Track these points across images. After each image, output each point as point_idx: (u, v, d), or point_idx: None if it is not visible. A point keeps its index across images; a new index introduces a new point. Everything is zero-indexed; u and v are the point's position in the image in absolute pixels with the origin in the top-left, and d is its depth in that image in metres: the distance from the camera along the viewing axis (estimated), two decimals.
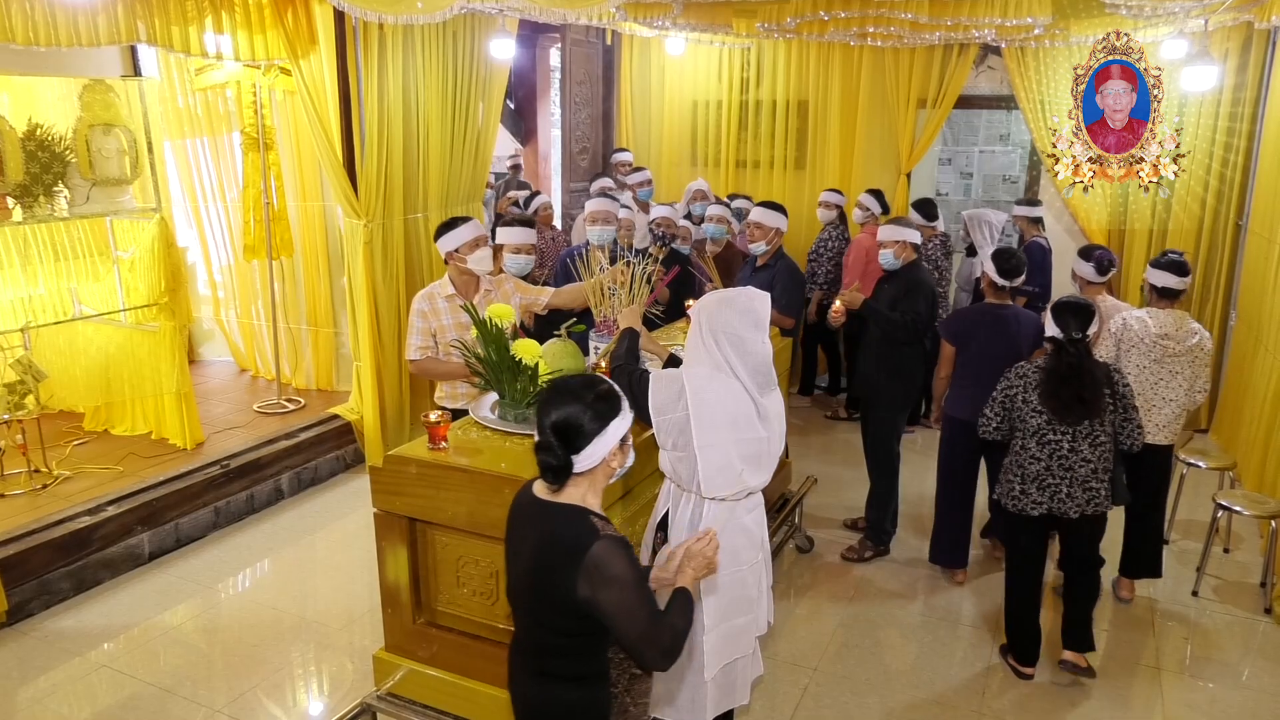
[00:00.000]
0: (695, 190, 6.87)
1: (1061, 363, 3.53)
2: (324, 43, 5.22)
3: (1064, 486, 3.59)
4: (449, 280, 3.95)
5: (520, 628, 2.25)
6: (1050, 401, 3.54)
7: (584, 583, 2.02)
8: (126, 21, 4.34)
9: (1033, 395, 3.59)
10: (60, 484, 4.86)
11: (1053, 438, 3.57)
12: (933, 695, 3.73)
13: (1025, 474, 3.64)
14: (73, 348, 5.69)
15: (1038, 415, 3.58)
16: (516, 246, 4.35)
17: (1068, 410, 3.52)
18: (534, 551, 2.12)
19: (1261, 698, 3.75)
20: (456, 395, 3.94)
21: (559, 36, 7.89)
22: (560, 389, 2.18)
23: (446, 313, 3.90)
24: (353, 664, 3.88)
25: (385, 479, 2.93)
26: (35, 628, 4.14)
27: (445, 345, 3.84)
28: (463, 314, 3.75)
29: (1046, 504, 3.62)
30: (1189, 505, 5.29)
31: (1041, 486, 3.62)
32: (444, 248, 3.91)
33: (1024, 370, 3.66)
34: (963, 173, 9.53)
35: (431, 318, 3.89)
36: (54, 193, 5.14)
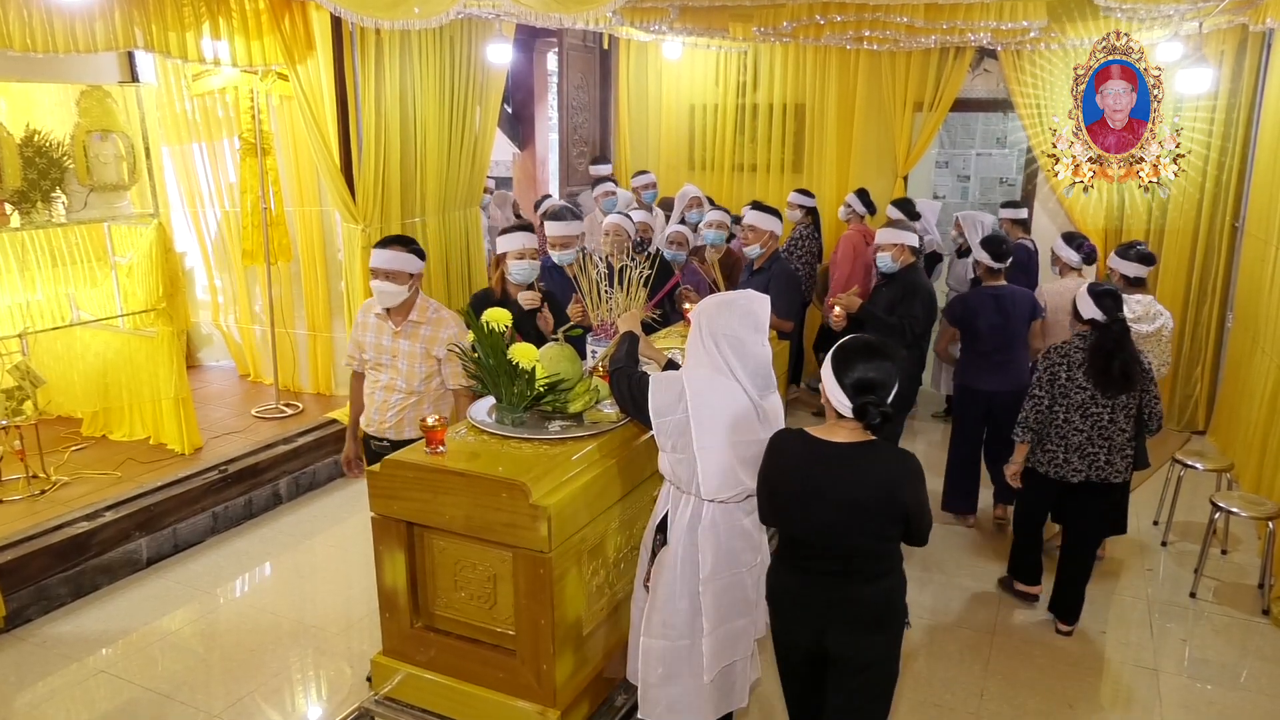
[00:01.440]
0: (691, 197, 6.83)
1: (1108, 340, 3.84)
2: (321, 48, 5.23)
3: (1103, 454, 3.93)
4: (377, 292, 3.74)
5: (830, 557, 2.58)
6: (1100, 376, 3.84)
7: (911, 491, 2.51)
8: (124, 27, 4.35)
9: (1077, 372, 3.89)
10: (58, 489, 4.86)
11: (1095, 410, 3.89)
12: (931, 697, 3.74)
13: (1069, 444, 3.95)
14: (71, 353, 5.70)
15: (1082, 391, 3.89)
16: (519, 252, 4.18)
17: (1112, 384, 3.83)
18: (872, 481, 2.50)
19: (1260, 699, 3.76)
20: (373, 421, 3.82)
21: (556, 41, 7.91)
22: (872, 350, 2.50)
23: (371, 328, 3.75)
24: (351, 668, 3.88)
25: (382, 483, 2.93)
26: (33, 633, 4.14)
27: (366, 361, 3.79)
28: (386, 335, 3.69)
29: (1085, 471, 3.95)
30: (1187, 507, 5.29)
31: (1083, 455, 3.94)
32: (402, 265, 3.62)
33: (1065, 349, 3.95)
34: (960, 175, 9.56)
35: (361, 330, 3.79)
36: (52, 198, 5.15)
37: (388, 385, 3.73)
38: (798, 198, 6.90)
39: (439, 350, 3.70)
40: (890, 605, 2.62)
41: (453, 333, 3.70)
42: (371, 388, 3.79)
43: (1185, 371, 6.93)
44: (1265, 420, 5.14)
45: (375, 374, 3.75)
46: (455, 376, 3.70)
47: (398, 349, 3.69)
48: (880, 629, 2.61)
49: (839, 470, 2.51)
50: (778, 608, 2.74)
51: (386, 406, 3.74)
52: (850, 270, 6.44)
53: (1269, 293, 5.43)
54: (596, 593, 3.05)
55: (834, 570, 2.58)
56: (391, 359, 3.70)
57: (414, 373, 3.70)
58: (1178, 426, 6.97)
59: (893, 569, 2.62)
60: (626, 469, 3.10)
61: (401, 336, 3.69)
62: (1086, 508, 4.07)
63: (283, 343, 6.45)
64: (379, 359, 3.71)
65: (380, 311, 3.68)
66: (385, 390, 3.74)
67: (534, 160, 8.68)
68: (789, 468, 2.58)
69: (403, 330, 3.69)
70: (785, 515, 2.61)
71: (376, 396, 3.76)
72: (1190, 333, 6.89)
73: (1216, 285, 6.76)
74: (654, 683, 2.85)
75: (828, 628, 2.61)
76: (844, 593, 2.59)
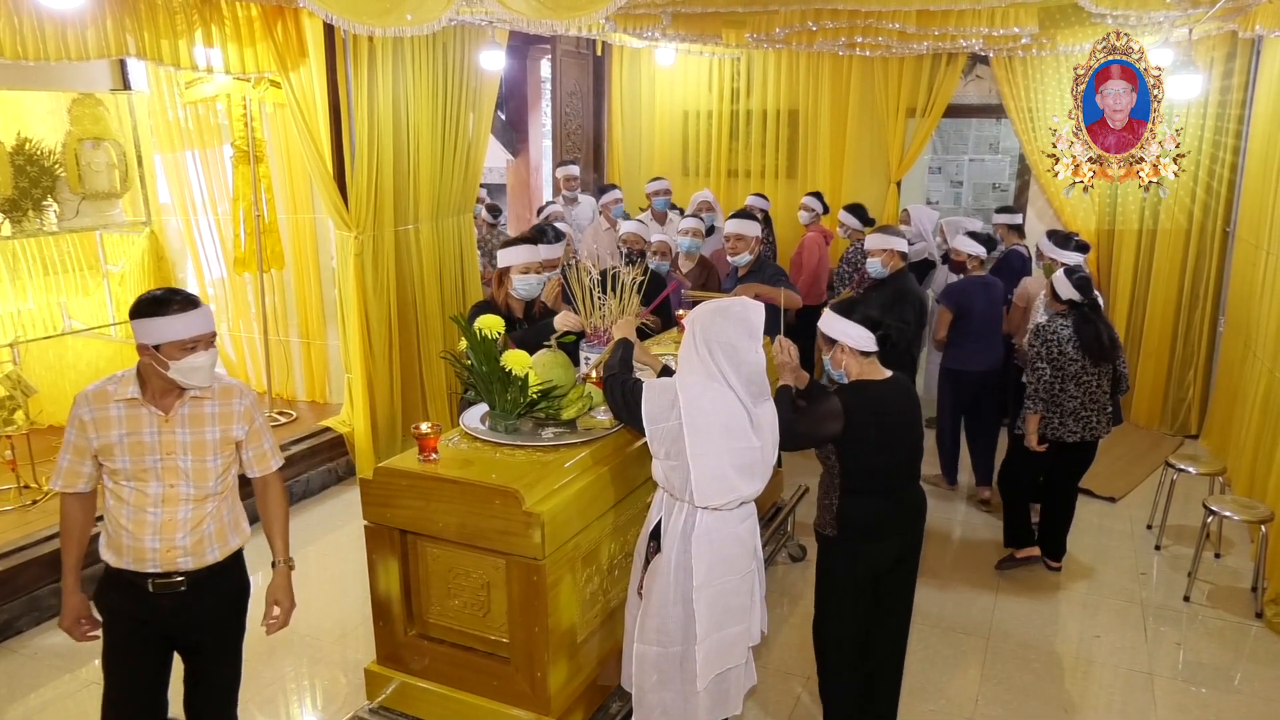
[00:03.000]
0: (700, 201, 6.86)
1: (1094, 318, 4.41)
2: (314, 55, 5.22)
3: (1094, 416, 4.47)
4: (134, 375, 2.61)
5: (911, 474, 3.19)
6: (1090, 347, 4.38)
7: None
8: (116, 35, 4.33)
9: (1068, 347, 4.40)
10: (50, 499, 4.83)
11: (1086, 378, 4.43)
12: (925, 703, 3.73)
13: (1064, 410, 4.45)
14: (62, 362, 5.67)
15: (1074, 363, 4.41)
16: (525, 266, 3.96)
17: (1103, 353, 4.40)
18: (916, 401, 3.20)
19: (1254, 702, 3.76)
20: (148, 554, 2.63)
21: (549, 48, 7.92)
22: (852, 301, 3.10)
23: (117, 424, 2.57)
24: (345, 677, 3.87)
25: (376, 491, 2.92)
26: (24, 644, 4.11)
27: (116, 471, 2.59)
28: (149, 429, 2.58)
29: (1080, 433, 4.47)
30: (1180, 510, 5.30)
31: (1078, 419, 4.46)
32: (161, 335, 2.54)
33: (1053, 327, 4.45)
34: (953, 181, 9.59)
35: (97, 431, 2.56)
36: (43, 207, 5.13)
37: (166, 498, 2.60)
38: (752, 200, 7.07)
39: (239, 429, 2.72)
40: None
41: (249, 401, 2.78)
42: (132, 510, 2.60)
43: (1178, 376, 6.95)
44: (1257, 424, 5.16)
45: (136, 488, 2.58)
46: (264, 457, 2.80)
47: (174, 443, 2.59)
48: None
49: (906, 399, 3.12)
50: (867, 536, 3.10)
51: (173, 527, 2.61)
52: (815, 269, 6.69)
53: (1260, 297, 5.45)
54: (590, 600, 3.04)
55: (911, 483, 3.19)
56: (164, 460, 2.58)
57: (207, 470, 2.64)
58: (1170, 430, 6.99)
59: None
60: (620, 476, 3.09)
61: (177, 426, 2.60)
62: (1075, 462, 4.64)
63: (276, 351, 6.43)
64: (140, 466, 2.57)
65: (131, 396, 2.56)
66: (163, 506, 2.60)
67: (528, 167, 8.69)
68: (883, 402, 3.05)
69: (177, 417, 2.61)
70: (885, 448, 3.04)
71: (149, 518, 2.59)
72: (1183, 337, 6.92)
73: (1208, 290, 6.79)
74: (648, 689, 2.85)
75: (906, 536, 3.17)
76: (917, 498, 3.21)
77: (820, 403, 3.05)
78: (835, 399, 3.02)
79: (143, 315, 2.52)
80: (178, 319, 2.55)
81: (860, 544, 3.11)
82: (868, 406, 3.03)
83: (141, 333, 2.53)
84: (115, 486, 2.63)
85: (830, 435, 3.02)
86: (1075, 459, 4.62)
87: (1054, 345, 4.43)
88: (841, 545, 3.13)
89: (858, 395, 3.05)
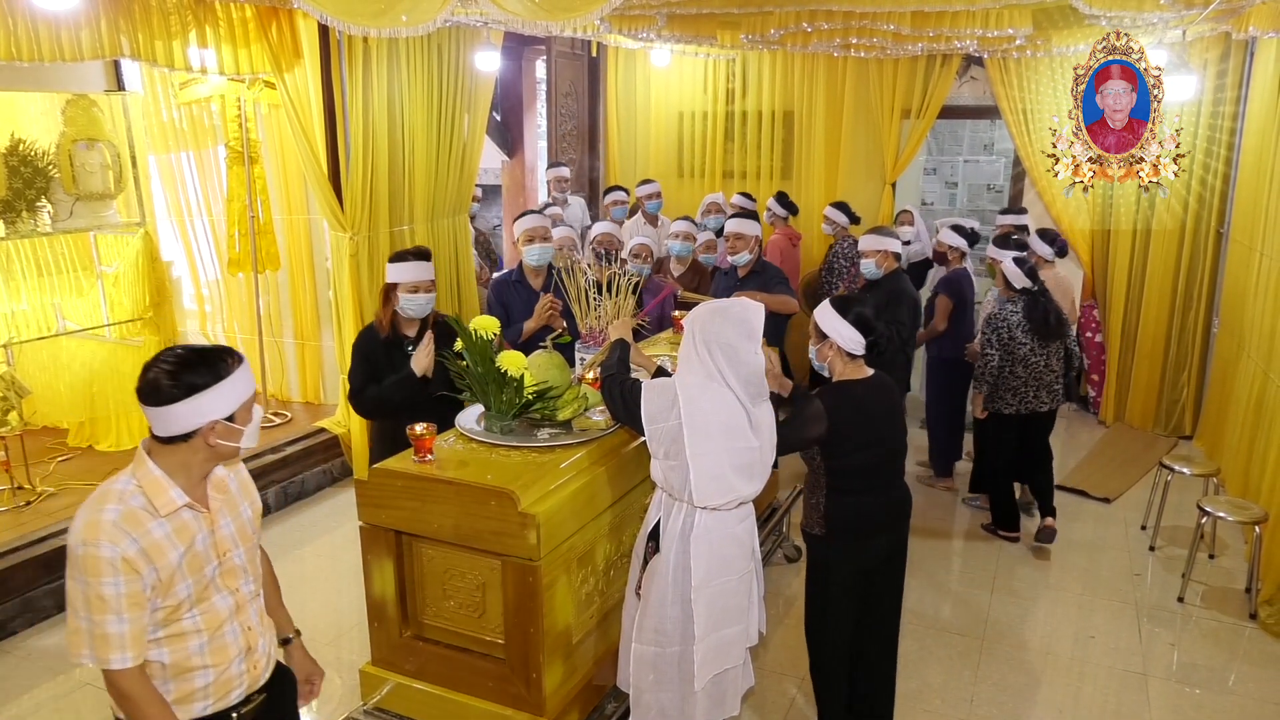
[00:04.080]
0: (709, 203, 6.82)
1: (1041, 303, 4.79)
2: (308, 56, 5.22)
3: (1036, 392, 4.87)
4: (157, 479, 2.03)
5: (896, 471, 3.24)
6: (1039, 329, 4.75)
7: None
8: (110, 36, 4.32)
9: (1017, 331, 4.78)
10: (44, 500, 4.82)
11: (1035, 359, 4.81)
12: (920, 703, 3.74)
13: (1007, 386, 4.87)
14: (56, 363, 5.66)
15: (1023, 345, 4.78)
16: (414, 284, 3.59)
17: (1049, 333, 4.77)
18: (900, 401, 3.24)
19: (1248, 703, 3.77)
20: (236, 680, 2.16)
21: (544, 49, 7.92)
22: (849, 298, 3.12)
23: (176, 537, 2.02)
24: (340, 678, 3.86)
25: (371, 492, 2.91)
26: (18, 646, 4.10)
27: (178, 606, 2.02)
28: (202, 532, 2.07)
29: (1016, 405, 4.88)
30: (1174, 512, 5.32)
31: (1017, 395, 4.88)
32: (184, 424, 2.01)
33: (1004, 314, 4.82)
34: (947, 182, 9.61)
35: (152, 561, 1.96)
36: (37, 208, 5.12)
37: (238, 607, 2.16)
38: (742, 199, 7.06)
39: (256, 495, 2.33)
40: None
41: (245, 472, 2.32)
42: (206, 641, 2.08)
43: (1171, 377, 6.97)
44: (1251, 425, 5.17)
45: (202, 613, 2.07)
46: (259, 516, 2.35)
47: (224, 539, 2.13)
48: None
49: (888, 397, 3.14)
50: (854, 534, 3.13)
51: (254, 637, 2.21)
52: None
53: (1254, 298, 5.47)
54: (586, 600, 3.04)
55: (897, 480, 3.23)
56: (221, 564, 2.12)
57: (255, 555, 2.28)
58: (1164, 431, 7.00)
59: None
60: (615, 476, 3.09)
61: (219, 518, 2.13)
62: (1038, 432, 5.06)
63: (271, 352, 6.42)
64: (201, 585, 2.06)
65: (182, 502, 2.03)
66: (237, 618, 2.15)
67: (523, 168, 8.68)
68: (864, 403, 3.08)
69: (215, 507, 2.13)
70: (867, 447, 3.07)
71: (228, 640, 2.12)
72: (1176, 338, 6.93)
73: (1202, 291, 6.80)
74: (645, 689, 2.85)
75: (893, 533, 3.20)
76: (903, 494, 3.25)
77: (804, 408, 3.06)
78: (817, 402, 3.04)
79: (206, 386, 1.99)
80: (240, 376, 2.07)
81: (848, 542, 3.13)
82: (850, 406, 3.06)
83: (207, 408, 1.99)
84: (174, 626, 2.03)
85: (815, 438, 3.04)
86: (1033, 429, 5.03)
87: (1004, 330, 4.80)
88: (830, 544, 3.15)
89: (840, 396, 3.08)
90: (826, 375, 3.18)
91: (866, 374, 3.14)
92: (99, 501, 2.01)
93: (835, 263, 6.73)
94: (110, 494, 2.02)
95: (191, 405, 1.98)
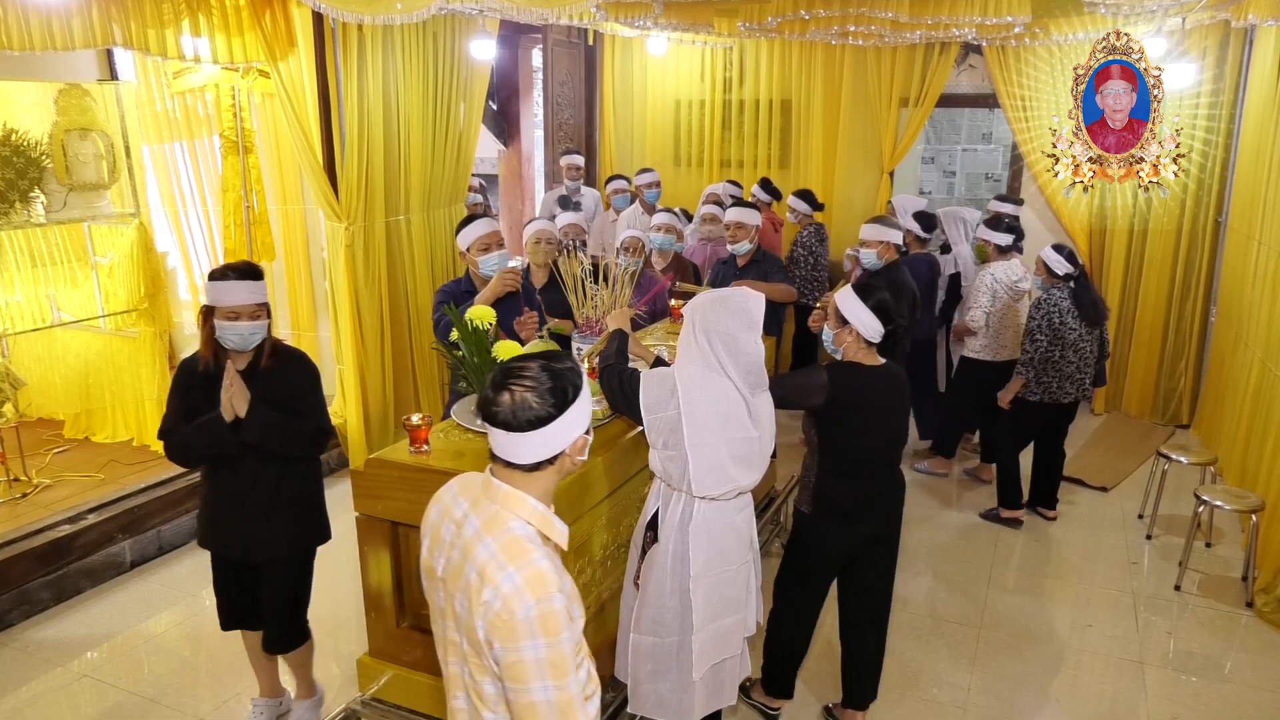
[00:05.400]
0: (709, 193, 6.76)
1: (1088, 286, 4.87)
2: (303, 44, 5.18)
3: (1086, 378, 4.94)
4: (543, 514, 1.85)
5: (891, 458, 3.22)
6: (1088, 314, 4.80)
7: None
8: (102, 25, 4.29)
9: (1068, 317, 4.78)
10: (40, 492, 4.81)
11: (1082, 344, 4.84)
12: (918, 692, 3.74)
13: (1063, 374, 4.86)
14: (51, 354, 5.64)
15: (1073, 330, 4.79)
16: (231, 310, 3.10)
17: (1096, 318, 4.82)
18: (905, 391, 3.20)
19: (1244, 691, 3.78)
20: None
21: (540, 37, 7.87)
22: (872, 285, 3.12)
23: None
24: (338, 668, 3.86)
25: (367, 483, 2.91)
26: (15, 638, 4.09)
27: None
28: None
29: (1074, 393, 4.92)
30: (1171, 500, 5.32)
31: (1074, 381, 4.89)
32: None
33: (1054, 299, 4.82)
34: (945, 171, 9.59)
35: (571, 609, 1.78)
36: (30, 198, 5.08)
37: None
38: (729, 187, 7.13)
39: None
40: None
41: None
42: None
43: (1169, 366, 6.97)
44: (1248, 414, 5.17)
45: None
46: None
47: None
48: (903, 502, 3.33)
49: (896, 387, 3.15)
50: (840, 516, 3.17)
51: None
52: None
53: (1252, 287, 5.46)
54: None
55: (892, 469, 3.22)
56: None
57: None
58: (1162, 420, 7.01)
59: None
60: (612, 467, 3.08)
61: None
62: (1066, 419, 5.12)
63: None
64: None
65: (564, 531, 1.88)
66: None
67: (519, 157, 8.66)
68: (869, 388, 3.08)
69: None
70: (862, 429, 3.08)
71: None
72: (1174, 327, 6.93)
73: (1200, 280, 6.80)
74: (643, 679, 2.85)
75: (880, 519, 3.20)
76: (894, 484, 3.25)
77: (809, 374, 3.12)
78: (823, 374, 3.08)
79: (574, 400, 1.83)
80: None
81: (833, 523, 3.19)
82: (856, 386, 3.09)
83: (580, 422, 1.86)
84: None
85: (808, 407, 3.11)
86: (1068, 417, 5.10)
87: (1055, 315, 4.78)
88: (814, 522, 3.20)
89: (847, 376, 3.11)
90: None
91: (878, 361, 3.16)
92: (521, 551, 1.73)
93: (795, 251, 6.72)
94: (522, 540, 1.75)
95: (565, 421, 1.79)
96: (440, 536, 1.88)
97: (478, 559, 1.74)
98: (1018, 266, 5.45)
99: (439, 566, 1.88)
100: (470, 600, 1.72)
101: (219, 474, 3.11)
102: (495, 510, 1.80)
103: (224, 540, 3.21)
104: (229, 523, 3.15)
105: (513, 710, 1.71)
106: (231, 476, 3.08)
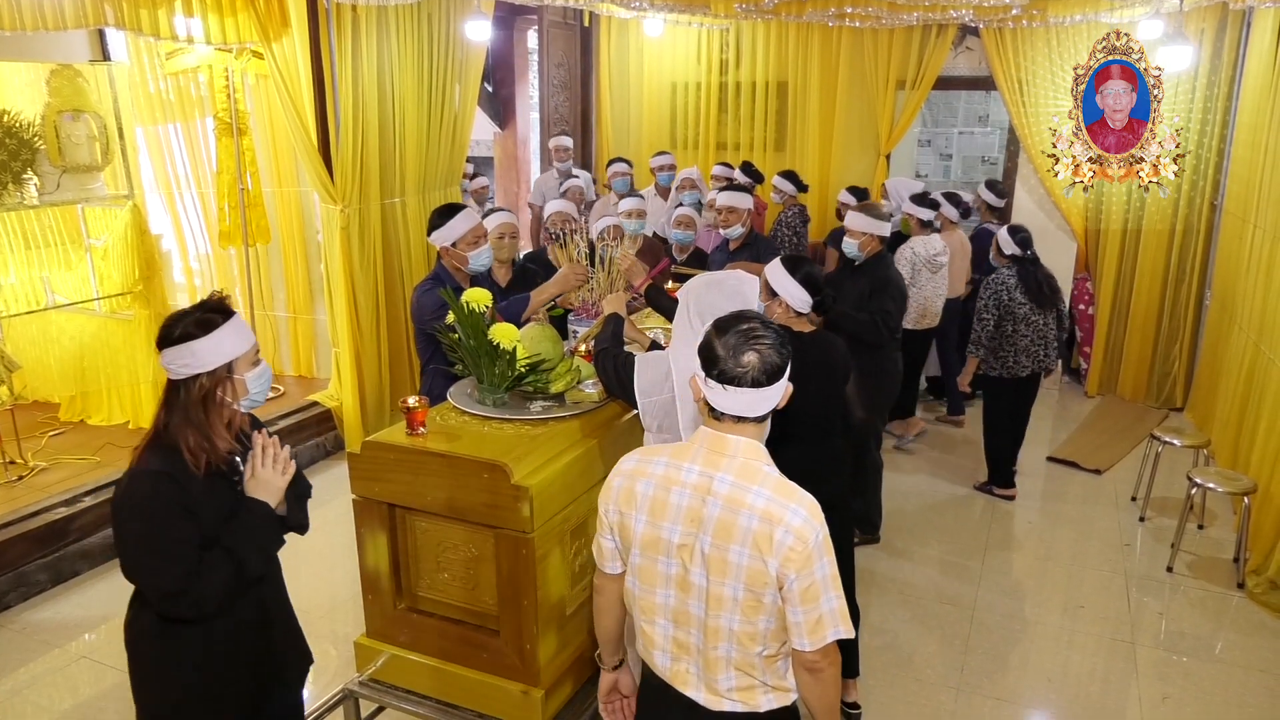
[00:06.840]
0: (683, 178, 6.51)
1: (1034, 270, 5.07)
2: (296, 25, 5.14)
3: (1041, 350, 5.08)
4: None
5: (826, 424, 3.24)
6: (1034, 294, 5.00)
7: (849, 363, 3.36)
8: (94, 4, 4.25)
9: (1016, 293, 5.01)
10: (36, 475, 4.81)
11: (1034, 318, 5.01)
12: (911, 672, 3.77)
13: (1018, 348, 5.05)
14: (46, 337, 5.62)
15: (1022, 306, 5.00)
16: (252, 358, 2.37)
17: (1045, 299, 5.03)
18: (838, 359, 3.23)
19: (1234, 671, 3.82)
20: None
21: (536, 18, 7.83)
22: (799, 258, 3.27)
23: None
24: (335, 650, 3.88)
25: (363, 465, 2.91)
26: (12, 620, 4.11)
27: None
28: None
29: (1031, 366, 5.10)
30: (1164, 482, 5.35)
31: (1029, 355, 5.07)
32: None
33: (1000, 278, 5.06)
34: (942, 154, 9.57)
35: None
36: (23, 180, 5.05)
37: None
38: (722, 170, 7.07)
39: None
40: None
41: None
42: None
43: (1163, 349, 6.99)
44: (1242, 397, 5.20)
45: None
46: None
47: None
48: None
49: (828, 353, 3.19)
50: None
51: None
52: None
53: (1247, 271, 5.47)
54: (579, 573, 3.05)
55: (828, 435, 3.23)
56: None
57: None
58: (1155, 403, 7.04)
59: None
60: (609, 449, 3.09)
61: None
62: (1028, 393, 5.26)
63: (262, 325, 6.39)
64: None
65: None
66: None
67: (515, 139, 8.62)
68: (800, 354, 3.02)
69: None
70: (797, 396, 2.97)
71: None
72: (1169, 311, 6.95)
73: (1195, 264, 6.81)
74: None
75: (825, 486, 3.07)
76: (835, 450, 3.27)
77: None
78: None
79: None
80: None
81: None
82: None
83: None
84: None
85: None
86: (1028, 390, 5.26)
87: (1003, 293, 5.03)
88: None
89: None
90: None
91: (809, 328, 3.27)
92: (790, 489, 1.96)
93: (779, 231, 6.71)
94: (783, 480, 1.99)
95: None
96: (668, 504, 1.96)
97: (755, 507, 1.88)
98: (937, 241, 5.88)
99: (672, 535, 1.96)
100: (756, 545, 1.87)
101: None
102: (742, 462, 1.94)
103: None
104: None
105: (798, 631, 1.92)
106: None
